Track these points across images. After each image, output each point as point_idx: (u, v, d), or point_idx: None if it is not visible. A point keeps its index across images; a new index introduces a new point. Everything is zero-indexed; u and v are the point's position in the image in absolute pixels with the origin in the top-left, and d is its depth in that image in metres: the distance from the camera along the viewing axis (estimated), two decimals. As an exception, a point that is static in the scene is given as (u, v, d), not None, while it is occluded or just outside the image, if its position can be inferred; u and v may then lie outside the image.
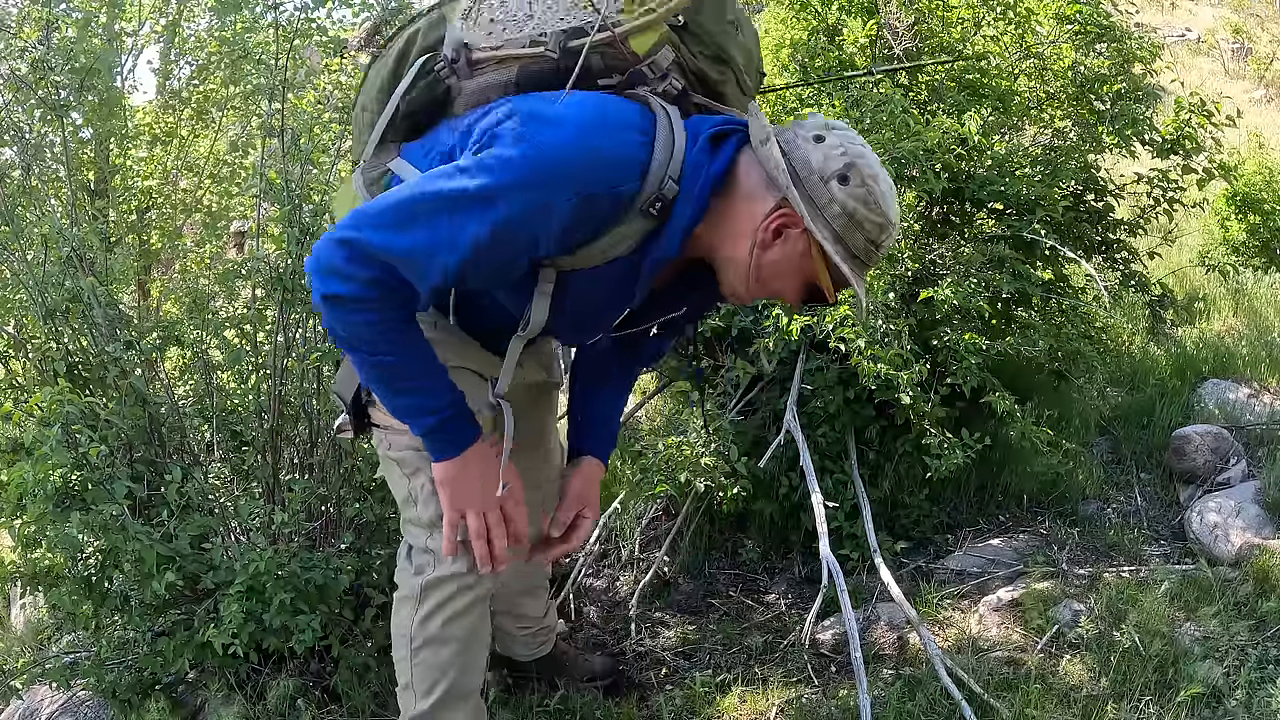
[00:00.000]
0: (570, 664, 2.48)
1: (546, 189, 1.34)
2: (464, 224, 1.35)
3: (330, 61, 3.78)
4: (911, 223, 2.78)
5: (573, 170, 1.34)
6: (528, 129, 1.36)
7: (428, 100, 1.61)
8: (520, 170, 1.33)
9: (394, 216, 1.37)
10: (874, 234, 1.43)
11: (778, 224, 1.42)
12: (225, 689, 2.48)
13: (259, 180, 2.75)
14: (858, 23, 3.21)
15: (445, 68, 1.58)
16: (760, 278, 1.48)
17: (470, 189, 1.34)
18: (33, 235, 2.69)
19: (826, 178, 1.40)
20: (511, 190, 1.33)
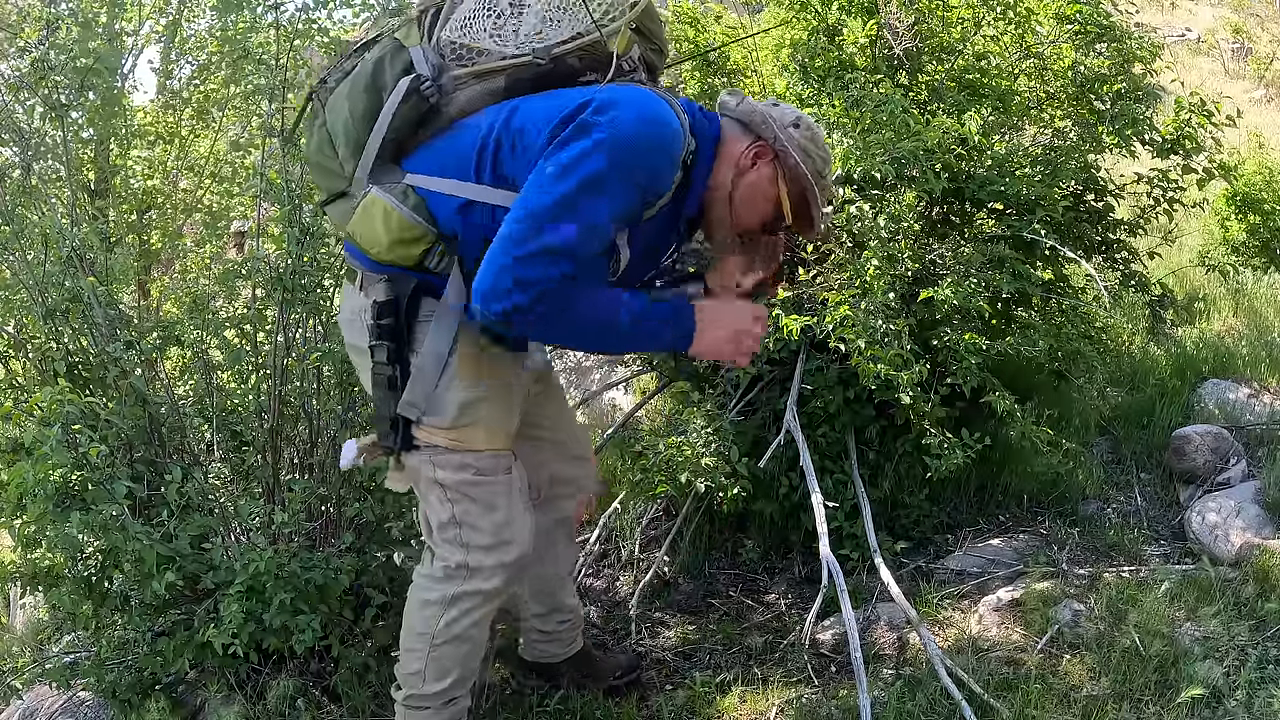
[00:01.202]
0: (599, 661, 2.50)
1: (649, 155, 1.65)
2: (601, 200, 1.60)
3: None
4: (911, 223, 2.78)
5: (658, 140, 1.65)
6: (606, 116, 1.62)
7: (413, 119, 1.76)
8: (622, 147, 1.60)
9: (550, 216, 1.58)
10: (821, 166, 1.83)
11: (754, 151, 1.80)
12: (225, 689, 2.48)
13: (259, 180, 2.75)
14: (858, 23, 3.21)
15: (430, 86, 1.75)
16: (737, 202, 1.81)
17: (592, 173, 1.59)
18: (33, 235, 2.69)
19: (785, 125, 1.82)
20: (624, 164, 1.61)
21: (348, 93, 1.79)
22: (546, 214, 1.58)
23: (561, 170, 1.59)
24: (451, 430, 1.84)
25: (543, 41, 1.75)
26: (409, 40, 1.79)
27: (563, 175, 1.59)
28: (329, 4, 3.55)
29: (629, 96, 1.66)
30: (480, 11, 1.77)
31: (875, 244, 2.68)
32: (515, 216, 1.61)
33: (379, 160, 1.77)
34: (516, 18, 1.77)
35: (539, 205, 1.59)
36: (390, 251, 1.76)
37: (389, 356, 1.82)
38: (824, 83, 3.28)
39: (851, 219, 2.76)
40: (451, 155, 1.75)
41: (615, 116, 1.61)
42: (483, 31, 1.76)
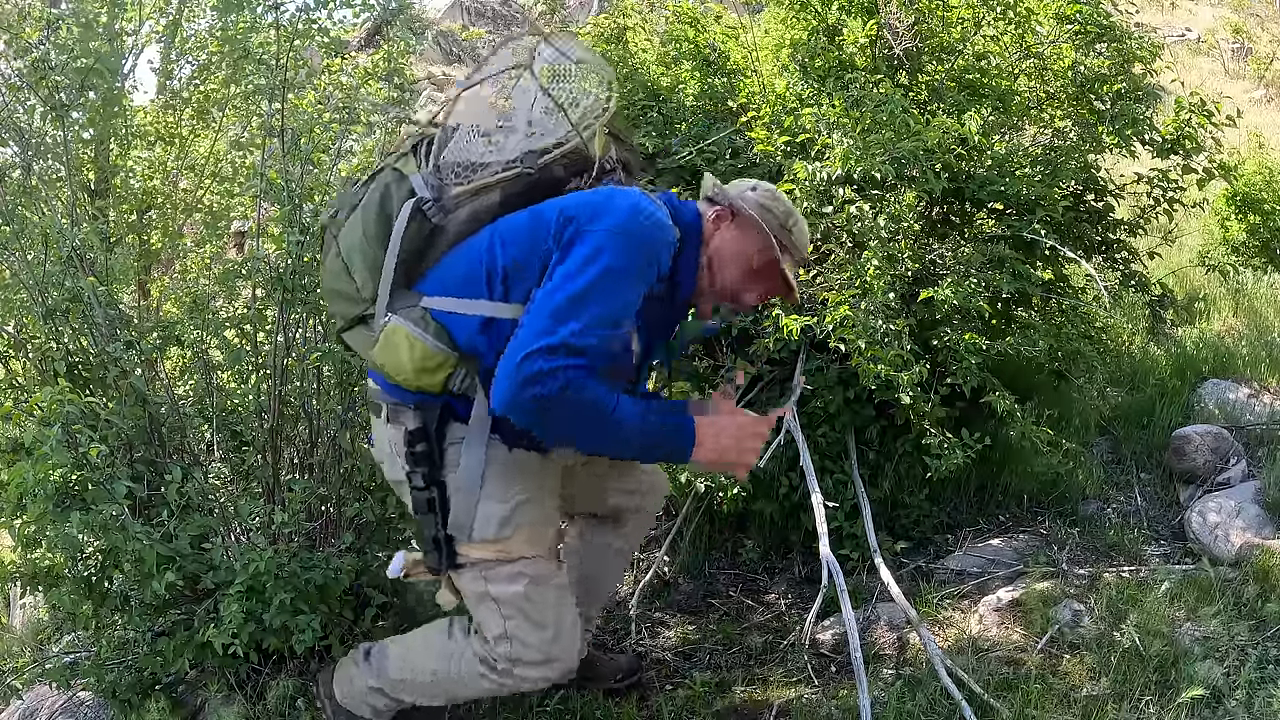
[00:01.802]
0: (600, 663, 2.50)
1: (647, 245, 1.75)
2: (614, 294, 1.70)
3: (331, 62, 3.78)
4: (911, 223, 2.78)
5: (651, 231, 1.76)
6: (603, 222, 1.73)
7: (419, 242, 1.85)
8: (623, 242, 1.71)
9: (560, 314, 1.66)
10: (783, 219, 1.94)
11: (715, 215, 1.93)
12: (225, 689, 2.48)
13: (259, 180, 2.74)
14: (858, 23, 3.21)
15: (432, 206, 1.84)
16: (713, 267, 1.91)
17: (602, 270, 1.68)
18: (33, 235, 2.68)
19: (742, 191, 1.96)
20: (627, 257, 1.71)
21: (360, 219, 1.87)
22: (563, 311, 1.65)
23: (574, 271, 1.68)
24: (497, 543, 1.89)
25: (529, 152, 1.87)
26: (408, 169, 1.90)
27: (575, 276, 1.68)
28: (329, 4, 3.55)
29: (617, 198, 1.78)
30: (472, 133, 1.90)
31: (875, 244, 2.68)
32: (533, 314, 1.68)
33: (394, 285, 1.84)
34: (505, 135, 1.89)
35: (555, 303, 1.66)
36: (417, 379, 1.81)
37: (425, 480, 1.87)
38: (824, 83, 3.28)
39: (851, 219, 2.76)
40: (462, 274, 1.82)
41: (611, 218, 1.73)
42: (480, 146, 1.89)
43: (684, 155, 3.31)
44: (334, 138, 2.98)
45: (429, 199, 1.85)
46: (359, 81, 3.63)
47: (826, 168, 2.83)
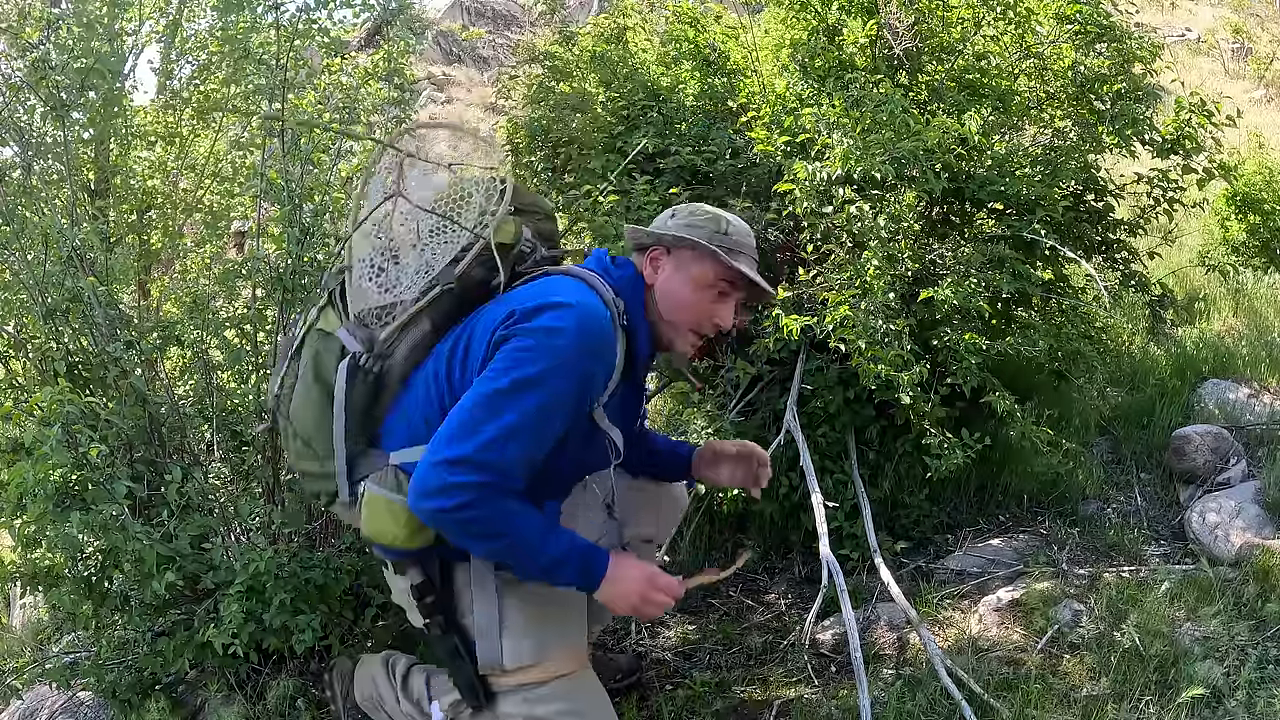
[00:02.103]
0: (601, 664, 2.49)
1: (581, 355, 1.67)
2: (529, 403, 1.62)
3: (331, 62, 3.78)
4: (911, 223, 2.78)
5: (586, 335, 1.68)
6: (529, 324, 1.67)
7: (366, 399, 1.79)
8: (552, 350, 1.64)
9: (474, 422, 1.60)
10: (712, 226, 1.87)
11: (649, 259, 1.88)
12: (225, 689, 2.48)
13: (259, 180, 2.74)
14: (858, 23, 3.21)
15: (367, 359, 1.78)
16: (666, 309, 1.86)
17: (522, 379, 1.62)
18: (33, 235, 2.68)
19: (663, 223, 1.92)
20: (556, 365, 1.64)
21: (303, 397, 1.83)
22: (477, 419, 1.60)
23: (497, 374, 1.63)
24: (535, 667, 1.81)
25: (433, 271, 1.81)
26: (330, 325, 1.85)
27: (498, 377, 1.62)
28: (329, 4, 3.54)
29: (547, 296, 1.70)
30: (366, 275, 1.83)
31: (875, 244, 2.68)
32: (448, 421, 1.63)
33: (356, 450, 1.78)
34: (397, 265, 1.83)
35: (469, 411, 1.61)
36: (411, 540, 1.74)
37: (444, 627, 1.83)
38: (824, 83, 3.28)
39: (851, 219, 2.76)
40: (421, 417, 1.75)
41: (540, 322, 1.66)
42: (375, 292, 1.81)
43: (685, 157, 3.31)
44: (334, 138, 2.98)
45: (361, 352, 1.78)
46: (359, 81, 3.63)
47: (826, 168, 2.83)
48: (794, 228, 3.09)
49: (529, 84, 4.02)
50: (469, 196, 1.87)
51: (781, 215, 3.06)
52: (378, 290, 1.81)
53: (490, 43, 13.86)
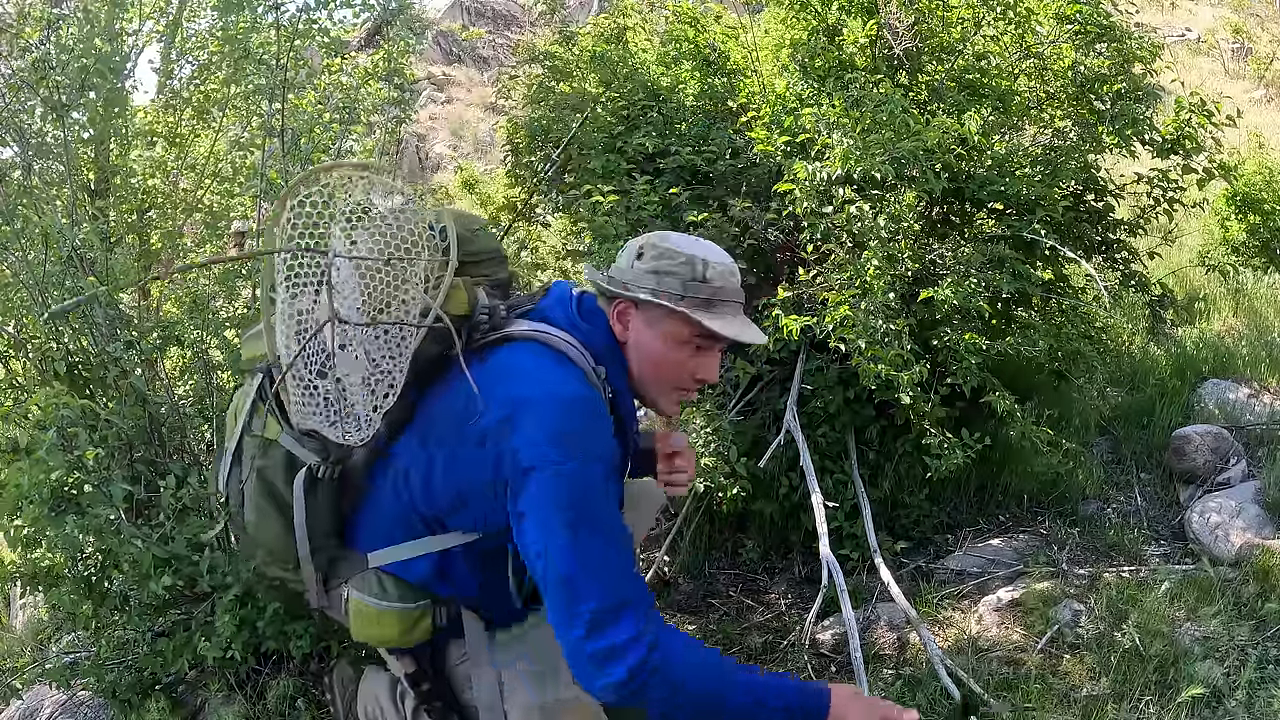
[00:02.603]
0: None
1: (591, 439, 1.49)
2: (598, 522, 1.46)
3: (331, 62, 3.78)
4: (911, 223, 2.77)
5: (586, 422, 1.50)
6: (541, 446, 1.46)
7: (329, 506, 1.64)
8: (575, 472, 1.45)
9: (582, 568, 1.42)
10: (687, 272, 1.60)
11: (617, 313, 1.64)
12: (225, 689, 2.48)
13: (259, 180, 2.74)
14: (858, 23, 3.21)
15: (322, 467, 1.60)
16: (641, 369, 1.65)
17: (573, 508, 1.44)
18: (34, 235, 2.68)
19: (630, 264, 1.63)
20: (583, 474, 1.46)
21: (256, 514, 1.67)
22: (574, 572, 1.42)
23: (546, 521, 1.44)
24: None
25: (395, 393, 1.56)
26: (271, 432, 1.65)
27: (557, 532, 1.43)
28: (329, 4, 3.54)
29: (534, 392, 1.50)
30: (302, 396, 1.59)
31: (875, 244, 2.68)
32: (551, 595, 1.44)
33: (331, 554, 1.66)
34: (341, 390, 1.56)
35: (562, 570, 1.42)
36: (405, 639, 1.64)
37: (443, 713, 1.72)
38: (824, 83, 3.28)
39: (851, 219, 2.76)
40: (392, 515, 1.61)
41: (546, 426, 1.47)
42: (322, 423, 1.58)
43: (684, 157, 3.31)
44: (334, 138, 2.98)
45: (318, 462, 1.60)
46: (359, 81, 3.63)
47: (826, 168, 2.83)
48: (794, 228, 3.09)
49: (529, 84, 4.03)
50: (402, 285, 1.58)
51: (781, 215, 3.06)
52: (325, 423, 1.57)
53: (490, 43, 13.86)
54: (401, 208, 1.59)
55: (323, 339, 1.55)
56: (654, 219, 3.12)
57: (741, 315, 1.67)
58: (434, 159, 11.15)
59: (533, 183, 3.72)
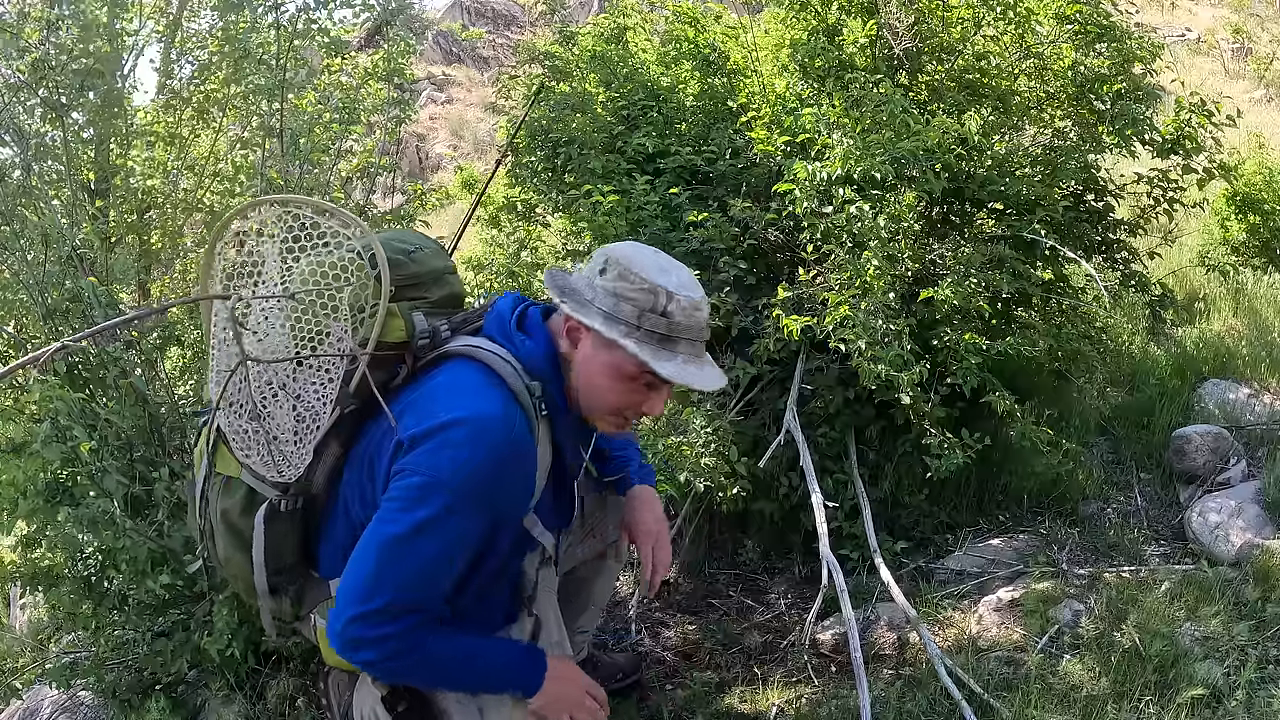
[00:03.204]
0: (600, 665, 2.49)
1: (489, 481, 1.50)
2: (433, 544, 1.48)
3: (331, 61, 3.78)
4: (911, 223, 2.78)
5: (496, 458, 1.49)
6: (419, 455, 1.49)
7: (292, 538, 1.67)
8: (454, 485, 1.47)
9: (377, 573, 1.48)
10: (646, 302, 1.52)
11: (566, 329, 1.59)
12: (225, 689, 2.48)
13: (259, 180, 2.75)
14: (858, 23, 3.21)
15: (286, 501, 1.63)
16: (582, 389, 1.61)
17: (420, 519, 1.47)
18: (33, 235, 2.68)
19: (590, 280, 1.56)
20: (460, 498, 1.48)
21: (227, 551, 1.71)
22: (381, 569, 1.48)
23: (390, 519, 1.49)
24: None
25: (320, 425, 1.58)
26: (232, 470, 1.67)
27: (392, 525, 1.48)
28: (329, 4, 3.54)
29: (441, 414, 1.50)
30: (239, 440, 1.62)
31: (875, 244, 2.68)
32: (353, 570, 1.51)
33: (298, 587, 1.71)
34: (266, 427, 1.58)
35: (373, 561, 1.48)
36: None
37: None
38: (824, 83, 3.29)
39: (851, 219, 2.76)
40: (345, 540, 1.62)
41: (432, 453, 1.48)
42: (257, 461, 1.62)
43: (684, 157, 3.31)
44: (334, 138, 2.98)
45: (278, 495, 1.62)
46: (359, 81, 3.63)
47: (826, 168, 2.83)
48: (794, 228, 3.09)
49: (529, 84, 4.03)
50: (335, 299, 1.56)
51: (781, 215, 3.06)
52: (260, 462, 1.61)
53: (490, 43, 13.86)
54: (331, 239, 1.59)
55: (244, 382, 1.56)
56: (654, 219, 3.12)
57: (701, 354, 1.59)
58: (434, 159, 11.15)
59: (532, 182, 3.72)
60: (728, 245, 3.05)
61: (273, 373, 1.58)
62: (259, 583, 1.68)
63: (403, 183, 5.43)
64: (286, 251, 1.59)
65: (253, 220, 1.63)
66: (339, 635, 1.51)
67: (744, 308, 3.04)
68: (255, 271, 1.60)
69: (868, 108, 2.94)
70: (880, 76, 3.16)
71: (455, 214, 8.43)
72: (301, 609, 1.74)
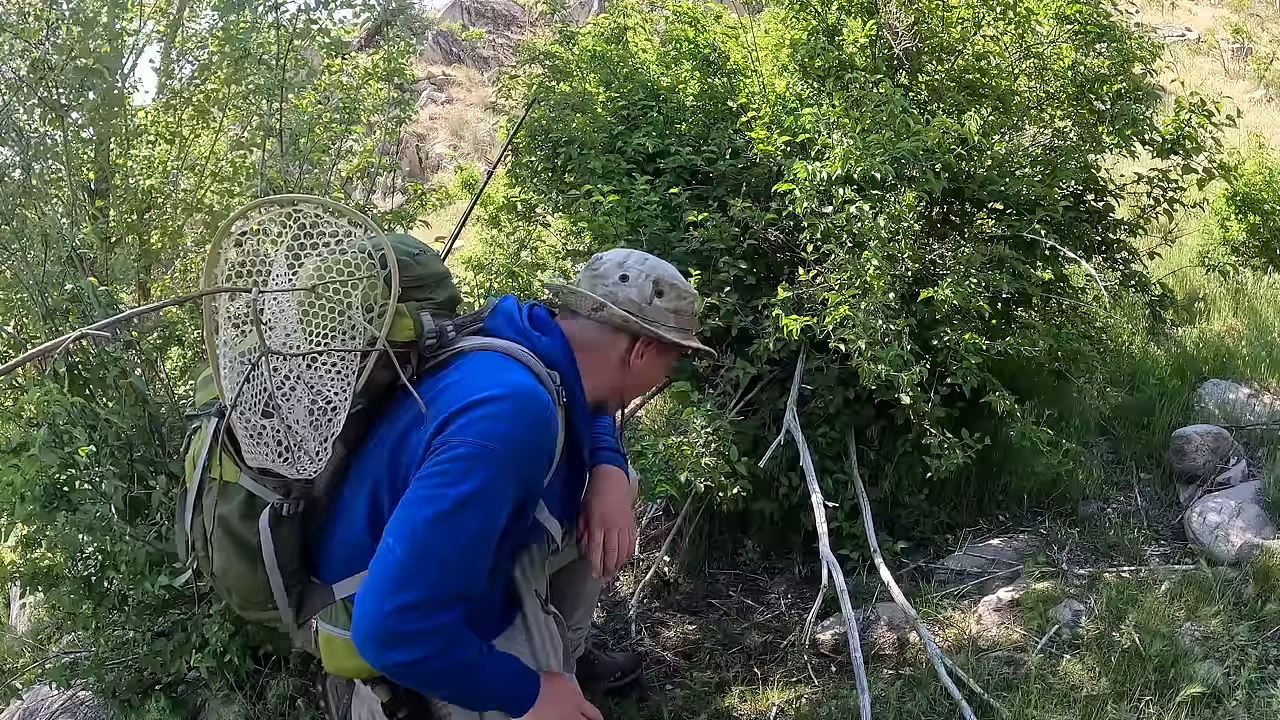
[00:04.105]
0: (599, 664, 2.49)
1: (523, 455, 1.53)
2: (470, 523, 1.47)
3: (331, 61, 3.78)
4: (911, 223, 2.78)
5: (527, 431, 1.54)
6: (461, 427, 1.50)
7: (294, 541, 1.65)
8: (494, 458, 1.48)
9: (419, 558, 1.43)
10: (688, 308, 1.85)
11: (640, 351, 1.79)
12: (225, 689, 2.48)
13: (260, 181, 2.75)
14: (857, 23, 3.21)
15: (285, 504, 1.62)
16: (630, 386, 1.85)
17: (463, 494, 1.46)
18: (33, 235, 2.68)
19: (649, 300, 1.79)
20: (497, 475, 1.49)
21: (226, 561, 1.67)
22: (424, 554, 1.43)
23: (430, 497, 1.46)
24: None
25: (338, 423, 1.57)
26: (229, 475, 1.65)
27: (433, 505, 1.45)
28: (329, 4, 3.55)
29: (477, 391, 1.53)
30: (254, 437, 1.59)
31: (875, 244, 2.69)
32: (390, 557, 1.44)
33: (299, 593, 1.68)
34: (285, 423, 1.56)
35: (413, 545, 1.44)
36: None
37: None
38: (824, 83, 3.29)
39: (851, 219, 2.76)
40: (355, 544, 1.62)
41: (474, 424, 1.49)
42: (273, 459, 1.59)
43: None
44: (334, 137, 2.98)
45: (279, 499, 1.61)
46: (359, 81, 3.63)
47: (826, 168, 2.84)
48: (794, 228, 3.09)
49: (529, 84, 4.02)
50: (346, 298, 1.58)
51: (781, 215, 3.06)
52: (278, 460, 1.58)
53: (490, 43, 13.86)
54: (339, 238, 1.60)
55: (261, 377, 1.55)
56: (654, 219, 3.12)
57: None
58: (434, 159, 11.16)
59: (532, 182, 3.72)
60: (728, 245, 3.05)
61: (292, 370, 1.57)
62: (275, 586, 1.65)
63: (403, 183, 5.44)
64: (292, 251, 1.59)
65: (255, 221, 1.62)
66: (373, 632, 1.42)
67: (744, 308, 3.04)
68: (261, 271, 1.59)
69: (868, 108, 2.94)
70: (880, 76, 3.16)
71: (455, 214, 8.44)
72: (301, 615, 1.72)
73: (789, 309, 2.81)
